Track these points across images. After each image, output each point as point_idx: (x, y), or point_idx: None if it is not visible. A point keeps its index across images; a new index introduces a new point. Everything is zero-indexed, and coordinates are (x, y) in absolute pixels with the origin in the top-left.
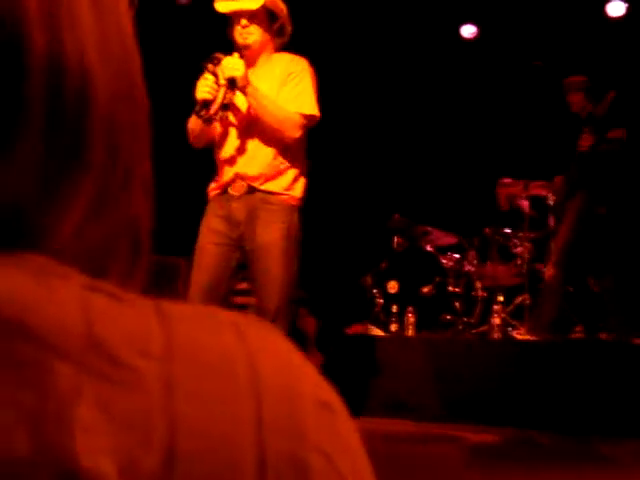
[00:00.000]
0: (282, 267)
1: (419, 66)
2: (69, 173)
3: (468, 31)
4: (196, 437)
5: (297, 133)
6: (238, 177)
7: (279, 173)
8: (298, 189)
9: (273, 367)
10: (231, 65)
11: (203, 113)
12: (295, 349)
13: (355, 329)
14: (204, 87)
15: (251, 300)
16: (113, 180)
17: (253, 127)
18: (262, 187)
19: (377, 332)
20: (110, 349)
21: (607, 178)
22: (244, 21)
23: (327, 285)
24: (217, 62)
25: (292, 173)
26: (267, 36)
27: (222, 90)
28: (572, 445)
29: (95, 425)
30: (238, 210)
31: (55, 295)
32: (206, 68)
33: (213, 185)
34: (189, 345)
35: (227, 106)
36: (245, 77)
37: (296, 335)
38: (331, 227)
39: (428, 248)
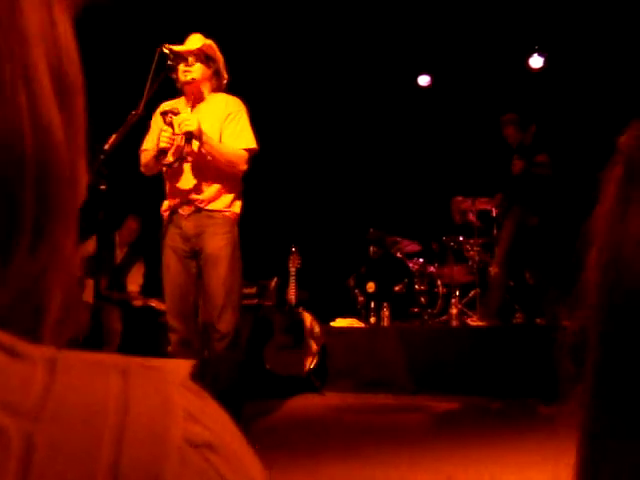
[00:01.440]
0: (228, 268)
1: (386, 109)
2: None
3: (424, 80)
4: None
5: (245, 166)
6: (186, 201)
7: (221, 194)
8: (237, 207)
9: (146, 412)
10: (186, 121)
11: (161, 158)
12: (185, 392)
13: (341, 322)
14: (163, 138)
15: (254, 302)
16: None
17: (204, 167)
18: (207, 207)
19: (359, 324)
20: None
21: (536, 195)
22: (190, 59)
23: (318, 286)
24: (175, 114)
25: (232, 195)
26: (206, 74)
27: (178, 139)
28: (517, 407)
29: None
30: (188, 227)
31: None
32: (164, 120)
33: (165, 207)
34: (64, 398)
35: (184, 158)
36: (199, 129)
37: (294, 329)
38: (320, 241)
39: (398, 255)
